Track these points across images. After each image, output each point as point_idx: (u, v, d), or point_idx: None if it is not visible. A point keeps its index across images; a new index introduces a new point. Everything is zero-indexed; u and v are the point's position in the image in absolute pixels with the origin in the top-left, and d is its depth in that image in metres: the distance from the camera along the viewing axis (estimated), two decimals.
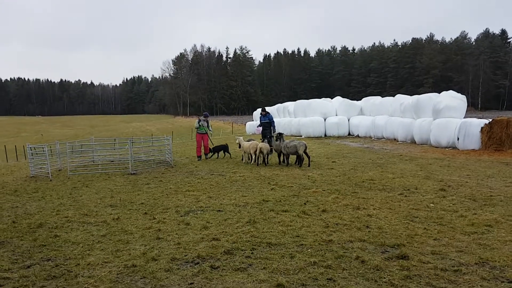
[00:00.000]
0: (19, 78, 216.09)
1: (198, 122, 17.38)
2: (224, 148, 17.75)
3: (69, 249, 5.92)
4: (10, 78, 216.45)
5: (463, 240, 5.72)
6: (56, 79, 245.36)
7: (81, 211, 8.38)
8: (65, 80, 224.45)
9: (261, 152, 14.47)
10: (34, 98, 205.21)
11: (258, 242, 5.86)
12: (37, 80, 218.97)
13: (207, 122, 17.60)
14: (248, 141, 15.67)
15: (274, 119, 30.78)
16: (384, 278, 4.51)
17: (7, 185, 12.61)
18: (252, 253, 5.45)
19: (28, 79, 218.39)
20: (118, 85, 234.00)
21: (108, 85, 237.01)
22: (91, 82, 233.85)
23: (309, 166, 13.65)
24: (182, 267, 5.06)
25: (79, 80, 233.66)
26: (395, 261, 5.00)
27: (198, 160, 16.90)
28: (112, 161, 17.65)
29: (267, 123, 16.46)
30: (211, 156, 17.59)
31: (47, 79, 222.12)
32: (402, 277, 4.52)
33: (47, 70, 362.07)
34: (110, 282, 4.65)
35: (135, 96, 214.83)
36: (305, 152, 13.85)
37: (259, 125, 16.90)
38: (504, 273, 4.57)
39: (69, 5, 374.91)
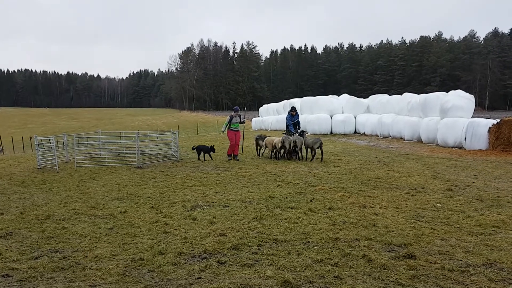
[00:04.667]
0: (26, 70, 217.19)
1: (230, 120, 15.49)
2: (207, 149, 15.58)
3: (76, 241, 5.96)
4: (18, 70, 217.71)
5: (470, 241, 5.70)
6: (63, 71, 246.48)
7: (88, 203, 8.44)
8: (72, 73, 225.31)
9: (276, 147, 14.96)
10: (40, 90, 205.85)
11: (264, 238, 5.88)
12: (44, 72, 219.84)
13: (239, 116, 15.70)
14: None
15: (279, 116, 30.80)
16: (391, 277, 4.51)
17: (15, 176, 12.70)
18: (258, 249, 5.46)
19: (35, 70, 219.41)
20: (124, 78, 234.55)
21: (114, 78, 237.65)
22: (98, 75, 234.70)
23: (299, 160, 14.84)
24: (189, 261, 5.08)
25: (86, 72, 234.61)
26: (402, 260, 5.00)
27: (229, 159, 15.32)
28: (118, 155, 17.72)
29: (297, 122, 16.54)
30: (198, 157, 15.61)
31: (54, 71, 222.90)
32: (409, 276, 4.51)
33: (54, 63, 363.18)
34: (118, 275, 4.68)
35: (141, 90, 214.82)
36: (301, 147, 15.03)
37: (290, 127, 16.11)
38: (511, 274, 4.55)
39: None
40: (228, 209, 7.71)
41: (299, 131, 15.72)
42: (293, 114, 16.51)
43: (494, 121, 17.13)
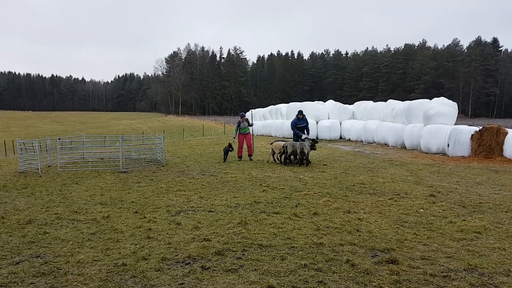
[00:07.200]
0: (9, 72, 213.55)
1: (238, 125, 16.70)
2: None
3: (58, 246, 5.87)
4: (0, 72, 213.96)
5: (452, 246, 5.77)
6: (47, 74, 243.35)
7: (71, 208, 8.32)
8: (56, 76, 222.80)
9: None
10: (24, 93, 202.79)
11: (249, 243, 5.87)
12: (28, 75, 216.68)
13: (247, 121, 16.93)
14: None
15: (266, 121, 30.44)
16: (374, 282, 4.54)
17: None
18: (243, 254, 5.45)
19: (19, 73, 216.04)
20: (109, 81, 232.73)
21: (99, 81, 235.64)
22: (83, 78, 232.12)
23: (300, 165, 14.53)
24: (172, 267, 5.04)
25: (70, 75, 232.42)
26: (385, 265, 5.04)
27: (239, 160, 16.32)
28: (102, 159, 17.53)
29: (304, 127, 16.20)
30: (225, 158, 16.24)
31: (38, 74, 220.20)
32: (392, 281, 4.55)
33: (38, 65, 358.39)
34: (100, 281, 4.62)
35: (126, 94, 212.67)
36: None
37: (297, 131, 15.95)
38: (492, 280, 4.62)
39: (64, 2, 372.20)
40: (213, 214, 7.68)
41: (305, 136, 15.39)
42: (300, 117, 16.10)
43: (477, 128, 17.40)
